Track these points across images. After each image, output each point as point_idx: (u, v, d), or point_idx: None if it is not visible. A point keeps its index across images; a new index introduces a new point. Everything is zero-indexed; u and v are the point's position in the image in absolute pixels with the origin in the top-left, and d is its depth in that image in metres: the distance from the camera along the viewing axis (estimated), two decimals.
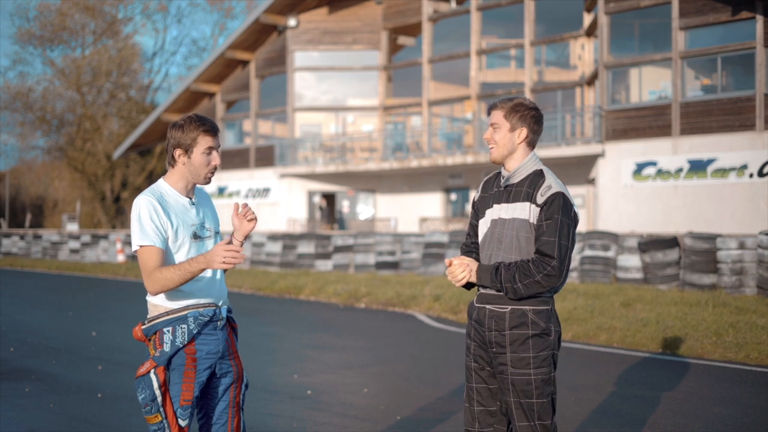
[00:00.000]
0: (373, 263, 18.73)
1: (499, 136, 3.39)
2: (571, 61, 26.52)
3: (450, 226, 27.63)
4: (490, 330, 3.35)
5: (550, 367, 3.33)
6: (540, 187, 3.30)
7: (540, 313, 3.30)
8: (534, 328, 3.29)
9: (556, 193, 3.27)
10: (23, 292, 17.32)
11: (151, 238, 3.22)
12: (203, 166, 3.35)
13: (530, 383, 3.28)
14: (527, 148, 3.41)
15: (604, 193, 22.79)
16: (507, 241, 3.33)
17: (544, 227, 3.25)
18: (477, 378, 3.44)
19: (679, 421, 5.80)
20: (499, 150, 3.40)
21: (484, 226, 3.45)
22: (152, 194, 3.30)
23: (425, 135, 28.56)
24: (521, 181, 3.37)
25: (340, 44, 30.95)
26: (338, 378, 7.49)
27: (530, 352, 3.28)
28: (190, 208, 3.39)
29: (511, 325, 3.30)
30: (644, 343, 9.19)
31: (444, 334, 10.66)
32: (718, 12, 20.64)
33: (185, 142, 3.32)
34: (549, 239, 3.22)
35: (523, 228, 3.30)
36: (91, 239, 28.53)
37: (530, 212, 3.29)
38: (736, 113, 20.41)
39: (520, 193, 3.34)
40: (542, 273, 3.20)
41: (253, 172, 32.41)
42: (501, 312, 3.33)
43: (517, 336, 3.29)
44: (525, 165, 3.38)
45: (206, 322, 3.33)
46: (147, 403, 3.24)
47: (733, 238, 12.83)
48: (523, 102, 3.41)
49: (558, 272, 3.21)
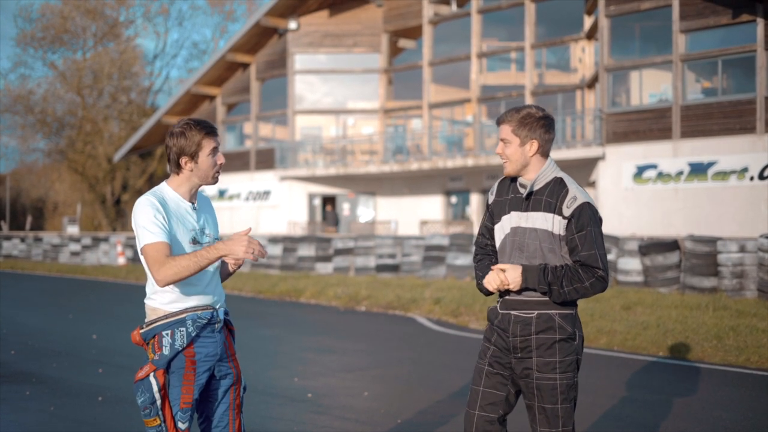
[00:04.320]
0: (374, 266, 18.72)
1: (510, 150, 3.35)
2: (572, 64, 26.54)
3: (450, 228, 27.63)
4: (515, 336, 3.33)
5: (574, 372, 3.33)
6: (565, 199, 3.27)
7: (566, 317, 3.31)
8: (561, 333, 3.29)
9: (583, 204, 3.26)
10: (24, 294, 17.31)
11: (157, 234, 3.21)
12: (211, 168, 3.37)
13: (555, 388, 3.28)
14: (541, 158, 3.37)
15: (605, 195, 22.79)
16: (530, 250, 3.31)
17: (578, 240, 3.24)
18: (486, 382, 3.41)
19: (680, 424, 5.80)
20: (512, 165, 3.37)
21: (501, 232, 3.43)
22: (153, 196, 3.31)
23: (426, 138, 28.57)
24: (541, 189, 3.34)
25: (340, 47, 30.97)
26: (338, 381, 7.48)
27: (556, 357, 3.28)
28: (191, 212, 3.39)
29: (537, 329, 3.29)
30: (645, 347, 9.19)
31: (444, 338, 10.66)
32: (719, 15, 20.65)
33: (190, 148, 3.32)
34: (590, 252, 3.22)
35: (546, 239, 3.29)
36: (91, 242, 28.53)
37: (554, 223, 3.27)
38: (737, 116, 20.41)
39: (541, 202, 3.31)
40: (592, 279, 3.21)
41: (253, 175, 32.42)
42: (527, 317, 3.31)
43: (544, 340, 3.29)
44: (543, 173, 3.35)
45: (204, 325, 3.33)
46: (146, 407, 3.25)
47: (734, 241, 12.82)
48: (530, 112, 3.35)
49: (605, 281, 3.24)
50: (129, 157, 43.92)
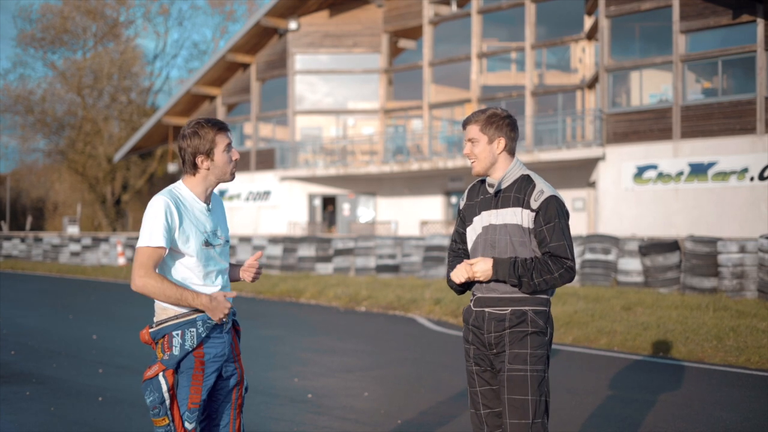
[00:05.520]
0: (374, 266, 18.72)
1: (478, 149, 3.47)
2: (572, 64, 26.53)
3: (450, 229, 27.64)
4: (489, 332, 3.40)
5: (545, 365, 3.40)
6: (532, 193, 3.38)
7: (539, 313, 3.39)
8: (533, 326, 3.36)
9: (550, 197, 3.36)
10: (24, 295, 17.31)
11: (157, 239, 3.22)
12: (227, 164, 3.39)
13: (526, 380, 3.33)
14: (508, 156, 3.49)
15: (605, 196, 22.79)
16: (501, 245, 3.39)
17: (546, 231, 3.34)
18: (480, 381, 3.49)
19: (680, 425, 5.80)
20: (480, 163, 3.48)
21: (473, 233, 3.51)
22: (170, 196, 3.30)
23: (426, 138, 28.57)
24: (509, 186, 3.44)
25: (340, 47, 30.98)
26: (339, 381, 7.48)
27: (527, 349, 3.35)
28: (205, 213, 3.40)
29: (511, 324, 3.37)
30: (645, 347, 9.19)
31: (445, 338, 10.66)
32: (719, 15, 20.65)
33: (205, 147, 3.33)
34: (558, 243, 3.33)
35: (517, 233, 3.38)
36: (91, 242, 28.54)
37: (522, 217, 3.37)
38: (737, 116, 20.42)
39: (509, 198, 3.41)
40: (561, 270, 3.31)
41: (253, 175, 32.42)
42: (501, 314, 3.39)
43: (517, 333, 3.36)
44: (511, 171, 3.46)
45: (213, 326, 3.34)
46: (155, 406, 3.25)
47: (734, 242, 12.82)
48: (495, 112, 3.48)
49: (573, 271, 3.34)
50: (129, 158, 43.93)
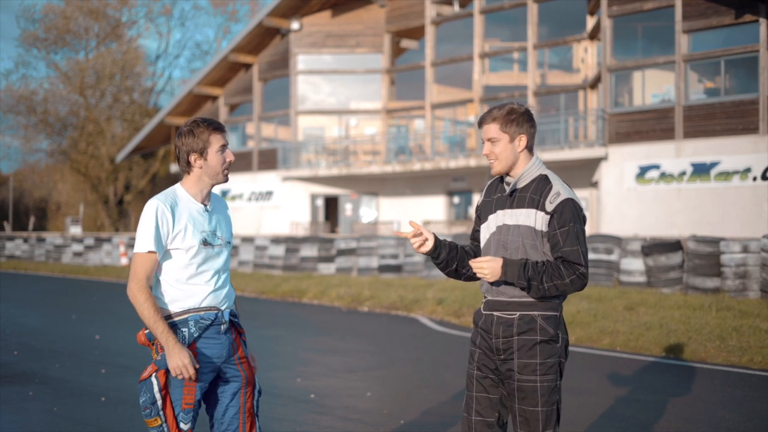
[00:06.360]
0: (376, 266, 18.72)
1: (499, 149, 3.32)
2: (574, 64, 26.52)
3: (453, 229, 27.62)
4: (497, 337, 3.31)
5: (556, 375, 3.28)
6: (548, 194, 3.24)
7: (549, 319, 3.26)
8: (542, 334, 3.24)
9: (566, 200, 3.22)
10: (27, 295, 17.33)
11: (149, 243, 3.26)
12: (220, 165, 3.40)
13: (536, 390, 3.24)
14: (528, 153, 3.35)
15: (608, 196, 22.77)
16: (513, 247, 3.28)
17: (559, 236, 3.21)
18: (478, 386, 3.39)
19: (683, 425, 5.79)
20: (501, 163, 3.33)
21: (486, 231, 3.40)
22: (165, 199, 3.33)
23: (428, 138, 28.57)
24: (526, 186, 3.31)
25: (343, 47, 30.98)
26: (341, 381, 7.48)
27: (537, 359, 3.24)
28: (203, 214, 3.41)
29: (519, 331, 3.26)
30: (647, 347, 9.18)
31: (447, 338, 10.65)
32: (722, 15, 20.63)
33: (198, 146, 3.36)
34: (573, 248, 3.19)
35: (529, 235, 3.26)
36: (94, 242, 28.57)
37: (536, 219, 3.24)
38: (740, 116, 20.39)
39: (525, 198, 3.28)
40: (573, 276, 3.18)
41: (256, 175, 32.43)
42: (509, 318, 3.28)
43: (525, 342, 3.25)
44: (529, 170, 3.33)
45: (207, 326, 3.33)
46: (147, 407, 3.26)
47: (737, 242, 12.81)
48: (513, 108, 3.32)
49: (586, 278, 3.21)
50: (132, 158, 43.95)
